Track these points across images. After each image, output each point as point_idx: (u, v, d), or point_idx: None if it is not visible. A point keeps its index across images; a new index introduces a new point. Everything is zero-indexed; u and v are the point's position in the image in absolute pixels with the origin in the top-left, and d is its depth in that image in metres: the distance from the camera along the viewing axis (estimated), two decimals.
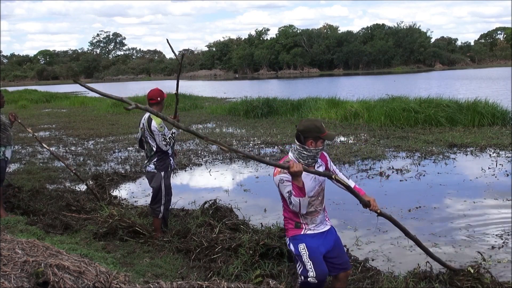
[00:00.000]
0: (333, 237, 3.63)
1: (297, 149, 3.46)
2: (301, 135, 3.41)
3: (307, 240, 3.48)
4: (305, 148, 3.41)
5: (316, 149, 3.42)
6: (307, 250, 3.45)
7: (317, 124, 3.42)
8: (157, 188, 5.59)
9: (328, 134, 3.45)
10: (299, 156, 3.45)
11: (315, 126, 3.39)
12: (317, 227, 3.55)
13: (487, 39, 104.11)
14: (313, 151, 3.42)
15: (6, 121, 6.49)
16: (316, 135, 3.39)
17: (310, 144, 3.40)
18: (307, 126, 3.41)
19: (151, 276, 4.41)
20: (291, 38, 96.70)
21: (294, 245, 3.53)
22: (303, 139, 3.41)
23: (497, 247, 5.25)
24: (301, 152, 3.43)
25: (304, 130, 3.40)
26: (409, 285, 4.13)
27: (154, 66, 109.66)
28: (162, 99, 5.59)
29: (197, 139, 13.53)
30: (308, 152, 3.41)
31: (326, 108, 17.38)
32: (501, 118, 14.03)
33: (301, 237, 3.50)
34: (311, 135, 3.39)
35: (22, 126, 7.32)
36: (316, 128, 3.39)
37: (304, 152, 3.42)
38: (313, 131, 3.38)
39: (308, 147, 3.41)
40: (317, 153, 3.45)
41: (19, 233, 5.25)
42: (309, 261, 3.43)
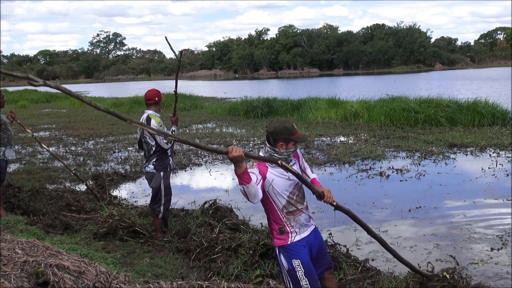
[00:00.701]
0: (319, 239, 3.48)
1: (268, 151, 3.28)
2: (270, 137, 3.24)
3: (301, 254, 3.27)
4: (276, 150, 3.23)
5: (287, 151, 3.24)
6: (302, 267, 3.24)
7: (287, 125, 3.23)
8: (156, 188, 5.59)
9: (300, 135, 3.27)
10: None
11: (285, 128, 3.21)
12: (302, 230, 3.34)
13: (487, 39, 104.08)
14: (284, 154, 3.24)
15: (7, 120, 6.49)
16: (286, 137, 3.21)
17: (281, 146, 3.23)
18: (277, 127, 3.22)
19: (151, 276, 4.41)
20: (291, 38, 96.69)
21: (286, 259, 3.28)
22: (273, 141, 3.23)
23: (497, 249, 5.24)
24: (272, 154, 3.25)
25: (274, 132, 3.22)
26: (409, 285, 4.13)
27: (154, 66, 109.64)
28: (159, 99, 5.63)
29: (197, 139, 13.53)
30: (279, 155, 3.23)
31: (326, 108, 17.37)
32: (501, 118, 14.02)
33: (293, 250, 3.28)
34: (281, 137, 3.21)
35: (21, 127, 7.32)
36: (286, 129, 3.20)
37: (275, 154, 3.23)
38: (283, 133, 3.20)
39: (279, 149, 3.23)
40: (289, 155, 3.27)
41: (19, 233, 5.25)
42: (304, 278, 3.24)
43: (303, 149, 11.31)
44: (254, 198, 3.13)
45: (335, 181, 8.37)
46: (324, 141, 12.48)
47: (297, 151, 3.46)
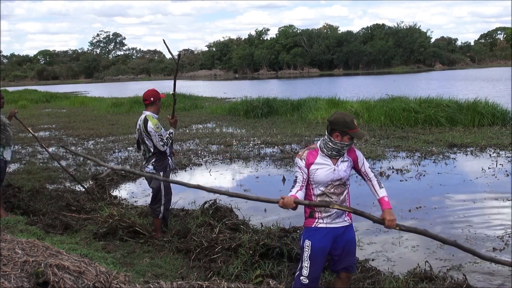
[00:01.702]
0: (348, 237, 3.54)
1: (324, 139, 3.43)
2: (329, 125, 3.39)
3: (315, 239, 3.43)
4: (331, 140, 3.37)
5: (341, 143, 3.36)
6: (310, 249, 3.42)
7: (347, 119, 3.35)
8: (156, 188, 5.58)
9: (357, 132, 3.38)
10: (324, 145, 3.41)
11: (344, 121, 3.33)
12: (331, 221, 3.45)
13: (487, 39, 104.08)
14: (338, 145, 3.36)
15: (6, 121, 6.48)
16: (343, 130, 3.33)
17: (336, 137, 3.35)
18: (337, 118, 3.36)
19: (151, 276, 4.41)
20: (291, 38, 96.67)
21: (302, 237, 3.51)
22: (330, 130, 3.37)
23: (498, 249, 5.24)
24: (327, 142, 3.40)
25: (333, 121, 3.36)
26: (409, 285, 4.13)
27: (154, 66, 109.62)
28: (156, 99, 5.52)
29: (197, 139, 13.53)
30: (333, 145, 3.37)
31: (326, 108, 17.37)
32: (501, 118, 14.03)
33: (311, 232, 3.45)
34: (338, 128, 3.33)
35: (21, 125, 7.33)
36: (345, 122, 3.32)
37: (330, 143, 3.38)
38: (341, 124, 3.33)
39: (334, 139, 3.36)
40: (342, 147, 3.38)
41: (19, 233, 5.25)
42: (308, 260, 3.43)
43: None
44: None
45: None
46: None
47: (357, 154, 3.56)
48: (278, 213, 6.69)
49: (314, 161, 3.40)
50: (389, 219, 3.35)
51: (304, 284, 3.44)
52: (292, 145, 11.92)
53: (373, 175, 3.58)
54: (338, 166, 3.44)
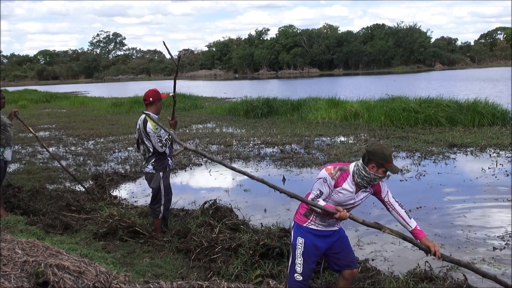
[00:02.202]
0: (338, 235, 3.62)
1: (358, 166, 3.44)
2: (367, 155, 3.40)
3: (308, 237, 3.50)
4: (366, 169, 3.39)
5: (375, 175, 3.38)
6: (303, 246, 3.49)
7: (386, 152, 3.37)
8: (156, 188, 5.58)
9: (393, 167, 3.39)
10: (357, 173, 3.42)
11: (383, 154, 3.35)
12: (323, 227, 3.54)
13: (487, 39, 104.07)
14: (371, 176, 3.38)
15: (7, 121, 6.47)
16: (380, 162, 3.35)
17: (372, 168, 3.38)
18: (376, 150, 3.38)
19: (151, 276, 4.41)
20: (291, 38, 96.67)
21: (294, 234, 3.57)
22: (367, 160, 3.39)
23: (498, 249, 5.24)
24: (360, 171, 3.41)
25: (372, 152, 3.38)
26: (409, 285, 4.13)
27: (154, 66, 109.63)
28: (155, 99, 5.49)
29: (197, 139, 13.53)
30: (367, 174, 3.39)
31: (326, 108, 17.37)
32: (501, 118, 14.03)
33: (304, 230, 3.52)
34: (376, 159, 3.35)
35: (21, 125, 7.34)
36: (383, 156, 3.35)
37: (363, 172, 3.40)
38: (379, 157, 3.35)
39: (369, 170, 3.38)
40: (375, 179, 3.41)
41: (19, 233, 5.25)
42: (301, 257, 3.50)
43: (303, 149, 11.31)
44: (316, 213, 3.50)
45: None
46: (324, 141, 12.48)
47: (381, 186, 3.56)
48: (278, 213, 6.69)
49: (342, 184, 3.44)
50: (433, 245, 3.45)
51: (299, 281, 3.52)
52: (292, 145, 11.91)
53: (399, 206, 3.58)
54: (359, 195, 3.50)
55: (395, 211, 3.56)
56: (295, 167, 9.45)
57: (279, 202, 7.17)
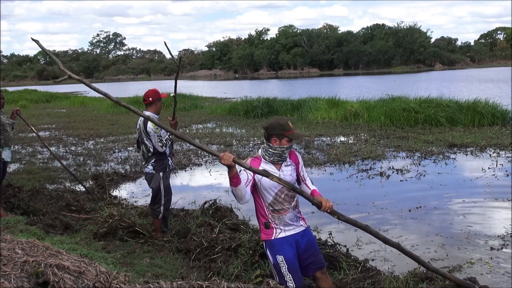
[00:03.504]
0: (307, 237, 3.56)
1: (264, 147, 3.48)
2: (265, 132, 3.43)
3: (284, 251, 3.41)
4: (270, 145, 3.41)
5: (280, 147, 3.39)
6: (285, 263, 3.41)
7: (281, 122, 3.40)
8: (156, 188, 5.57)
9: (294, 133, 3.42)
10: (265, 153, 3.45)
11: (279, 124, 3.39)
12: (287, 228, 3.46)
13: (487, 39, 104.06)
14: (277, 149, 3.40)
15: (6, 121, 6.47)
16: (279, 133, 3.37)
17: (274, 141, 3.40)
18: (271, 123, 3.42)
19: (151, 276, 4.41)
20: (291, 38, 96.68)
21: (271, 254, 3.46)
22: (267, 136, 3.42)
23: (496, 249, 5.24)
24: (267, 149, 3.44)
25: (269, 127, 3.42)
26: (409, 285, 4.13)
27: (154, 66, 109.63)
28: (155, 99, 5.48)
29: (197, 139, 13.54)
30: (273, 150, 3.40)
31: (326, 108, 17.37)
32: (501, 118, 14.02)
33: (277, 246, 3.43)
34: (274, 132, 3.38)
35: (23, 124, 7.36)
36: (280, 125, 3.38)
37: (270, 149, 3.42)
38: (276, 128, 3.38)
39: (272, 144, 3.40)
40: (283, 151, 3.41)
41: (19, 233, 5.25)
42: (288, 274, 3.41)
43: (303, 149, 11.31)
44: (241, 200, 3.32)
45: (335, 181, 8.37)
46: (324, 141, 12.48)
47: (298, 157, 3.60)
48: None
49: (260, 165, 3.41)
50: (325, 201, 3.35)
51: None
52: None
53: (308, 177, 3.66)
54: (283, 171, 3.47)
55: (304, 182, 3.60)
56: None
57: None
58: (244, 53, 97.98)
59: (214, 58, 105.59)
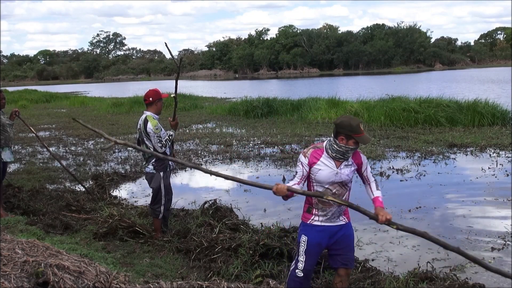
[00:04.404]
0: (344, 232, 3.59)
1: (329, 141, 3.46)
2: (335, 128, 3.41)
3: (312, 235, 3.51)
4: (336, 143, 3.40)
5: (346, 147, 3.37)
6: (306, 244, 3.51)
7: (353, 123, 3.35)
8: (156, 188, 5.57)
9: (363, 136, 3.36)
10: (330, 147, 3.44)
11: (350, 124, 3.34)
12: (327, 220, 3.51)
13: (487, 39, 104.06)
14: (342, 148, 3.38)
15: (6, 121, 6.47)
16: (348, 133, 3.34)
17: (341, 140, 3.37)
18: (343, 121, 3.38)
19: (151, 276, 4.41)
20: (291, 38, 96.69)
21: (299, 231, 3.61)
22: (336, 133, 3.40)
23: (497, 249, 5.24)
24: (332, 145, 3.42)
25: (339, 124, 3.38)
26: (409, 285, 4.13)
27: (154, 66, 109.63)
28: (155, 99, 5.47)
29: (197, 139, 13.54)
30: (338, 147, 3.39)
31: (326, 108, 17.37)
32: (501, 118, 14.03)
33: (308, 228, 3.54)
34: (344, 131, 3.35)
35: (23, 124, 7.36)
36: (351, 126, 3.33)
37: (335, 145, 3.41)
38: (346, 128, 3.34)
39: (339, 142, 3.38)
40: (347, 151, 3.39)
41: (19, 233, 5.25)
42: (303, 254, 3.52)
43: (303, 149, 11.29)
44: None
45: None
46: (324, 141, 12.46)
47: (361, 158, 3.56)
48: (278, 213, 6.69)
49: (317, 161, 3.43)
50: (382, 214, 3.34)
51: (299, 277, 3.55)
52: (292, 145, 11.91)
53: (374, 180, 3.62)
54: (341, 169, 3.46)
55: (369, 185, 3.61)
56: (295, 167, 9.44)
57: (279, 202, 7.14)
58: (244, 53, 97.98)
59: (214, 58, 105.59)
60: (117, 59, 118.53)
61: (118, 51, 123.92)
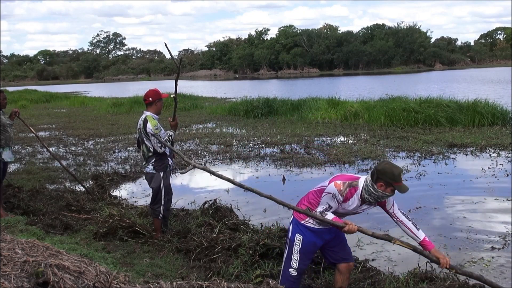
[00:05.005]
0: (335, 233, 3.66)
1: (367, 183, 3.45)
2: (376, 174, 3.40)
3: (307, 234, 3.54)
4: (374, 187, 3.40)
5: (383, 193, 3.39)
6: (301, 244, 3.53)
7: (395, 171, 3.35)
8: (156, 188, 5.57)
9: (402, 186, 3.38)
10: (366, 189, 3.44)
11: (393, 174, 3.34)
12: (322, 226, 3.59)
13: (487, 39, 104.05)
14: (379, 193, 3.40)
15: (7, 121, 6.47)
16: (389, 181, 3.35)
17: (380, 186, 3.39)
18: (385, 168, 3.37)
19: (151, 276, 4.41)
20: (291, 38, 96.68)
21: (293, 230, 3.60)
22: (376, 178, 3.39)
23: (497, 249, 5.24)
24: (369, 187, 3.43)
25: (381, 171, 3.37)
26: (409, 285, 4.13)
27: (154, 66, 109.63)
28: (155, 99, 5.46)
29: (197, 139, 13.54)
30: (375, 192, 3.40)
31: (326, 108, 17.37)
32: (501, 118, 14.03)
33: (302, 227, 3.55)
34: (385, 178, 3.35)
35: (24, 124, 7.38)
36: (393, 175, 3.34)
37: (371, 189, 3.41)
38: (388, 176, 3.34)
39: (377, 188, 3.39)
40: (383, 197, 3.43)
41: (19, 233, 5.25)
42: (298, 254, 3.54)
43: (303, 149, 11.30)
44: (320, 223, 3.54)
45: None
46: (324, 141, 12.48)
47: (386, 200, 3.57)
48: (278, 213, 6.69)
49: (350, 200, 3.47)
50: (443, 257, 3.44)
51: (293, 276, 3.58)
52: (292, 145, 11.91)
53: (405, 218, 3.60)
54: (362, 207, 3.55)
55: (401, 223, 3.58)
56: (295, 167, 9.45)
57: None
58: (244, 53, 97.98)
59: (214, 58, 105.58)
60: (117, 59, 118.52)
61: (118, 51, 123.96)
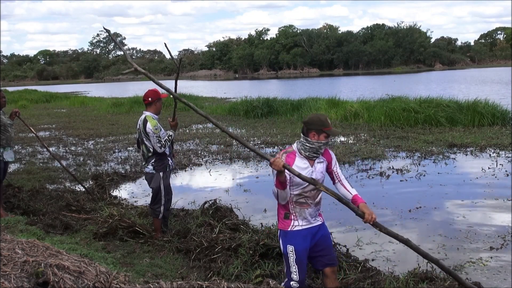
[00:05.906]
0: (322, 232, 3.64)
1: (301, 141, 3.52)
2: (305, 126, 3.48)
3: (296, 242, 3.51)
4: (308, 140, 3.46)
5: (318, 142, 3.45)
6: (294, 253, 3.50)
7: (322, 118, 3.48)
8: (156, 188, 5.57)
9: (332, 129, 3.49)
10: (302, 147, 3.50)
11: (319, 119, 3.46)
12: (307, 222, 3.55)
13: (487, 39, 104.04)
14: (315, 144, 3.45)
15: (7, 121, 6.47)
16: (319, 128, 3.43)
17: (313, 136, 3.45)
18: (312, 118, 3.50)
19: (151, 276, 4.41)
20: (291, 38, 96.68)
21: (283, 242, 3.58)
22: (306, 130, 3.47)
23: (496, 249, 5.24)
24: (304, 143, 3.49)
25: (308, 121, 3.48)
26: (409, 285, 4.13)
27: (154, 66, 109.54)
28: (154, 99, 5.47)
29: (197, 139, 13.54)
30: (310, 144, 3.45)
31: (326, 108, 17.36)
32: (501, 118, 14.02)
33: (290, 236, 3.52)
34: (314, 127, 3.44)
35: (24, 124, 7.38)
36: (320, 121, 3.45)
37: (307, 144, 3.47)
38: (316, 123, 3.44)
39: (311, 139, 3.45)
40: (319, 147, 3.47)
41: (19, 233, 5.25)
42: (295, 265, 3.51)
43: None
44: (284, 200, 3.48)
45: None
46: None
47: (331, 154, 3.65)
48: None
49: (293, 164, 3.46)
50: (369, 212, 3.38)
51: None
52: None
53: (344, 177, 3.65)
54: (316, 167, 3.53)
55: (340, 182, 3.62)
56: None
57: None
58: (244, 53, 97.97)
59: (214, 58, 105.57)
60: (117, 59, 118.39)
61: (118, 51, 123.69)
